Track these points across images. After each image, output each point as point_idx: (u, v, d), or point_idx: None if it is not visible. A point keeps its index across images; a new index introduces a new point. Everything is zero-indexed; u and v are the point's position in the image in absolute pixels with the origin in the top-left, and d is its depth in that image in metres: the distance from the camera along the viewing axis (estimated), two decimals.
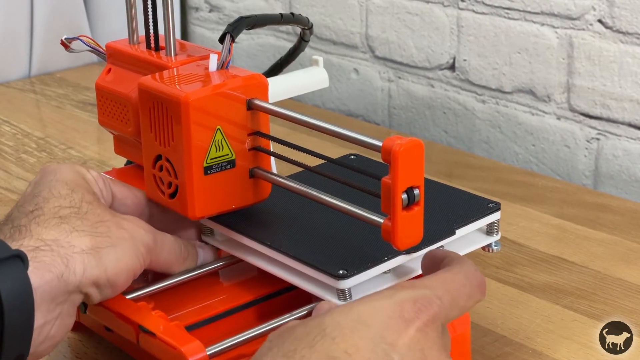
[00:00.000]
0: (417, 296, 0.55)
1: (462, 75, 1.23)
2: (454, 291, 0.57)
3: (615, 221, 0.96)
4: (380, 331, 0.53)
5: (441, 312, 0.55)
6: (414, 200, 0.58)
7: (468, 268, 0.59)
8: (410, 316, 0.54)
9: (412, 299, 0.55)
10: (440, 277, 0.58)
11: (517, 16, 1.15)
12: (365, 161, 0.79)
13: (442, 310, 0.55)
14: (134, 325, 0.65)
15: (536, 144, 1.17)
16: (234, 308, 0.69)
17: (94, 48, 0.76)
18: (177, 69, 0.70)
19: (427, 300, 0.55)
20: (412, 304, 0.54)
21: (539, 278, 0.85)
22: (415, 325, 0.53)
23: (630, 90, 1.06)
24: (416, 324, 0.53)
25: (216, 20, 1.56)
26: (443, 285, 0.57)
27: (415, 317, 0.54)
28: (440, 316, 0.55)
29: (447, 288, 0.57)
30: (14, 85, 1.45)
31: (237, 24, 0.69)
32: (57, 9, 1.48)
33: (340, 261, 0.63)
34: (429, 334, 0.54)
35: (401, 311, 0.54)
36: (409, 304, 0.54)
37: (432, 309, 0.55)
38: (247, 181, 0.68)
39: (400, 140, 0.57)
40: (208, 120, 0.65)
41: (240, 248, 0.70)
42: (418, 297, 0.55)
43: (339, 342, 0.52)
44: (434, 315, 0.55)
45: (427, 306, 0.55)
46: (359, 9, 1.32)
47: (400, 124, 1.32)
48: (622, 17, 1.05)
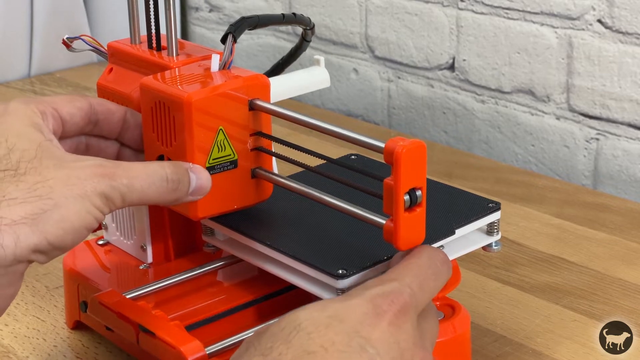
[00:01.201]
0: (386, 290, 0.56)
1: (461, 75, 1.23)
2: (421, 275, 0.58)
3: (615, 221, 0.96)
4: (355, 326, 0.53)
5: (412, 300, 0.56)
6: (416, 201, 0.58)
7: (429, 250, 0.60)
8: (383, 309, 0.54)
9: (383, 293, 0.55)
10: (404, 265, 0.59)
11: (517, 16, 1.15)
12: (366, 161, 0.79)
13: (412, 298, 0.56)
14: (133, 324, 0.65)
15: (536, 144, 1.17)
16: (234, 308, 0.69)
17: (96, 48, 0.76)
18: (179, 69, 0.70)
19: (397, 291, 0.56)
20: (384, 298, 0.55)
21: (539, 278, 0.85)
22: (387, 318, 0.54)
23: (630, 90, 1.06)
24: (387, 316, 0.54)
25: (216, 20, 1.56)
26: (409, 272, 0.58)
27: (388, 309, 0.54)
28: (412, 304, 0.56)
29: (414, 273, 0.58)
30: (14, 85, 1.45)
31: (239, 24, 0.69)
32: (57, 9, 1.48)
33: (340, 261, 0.63)
34: (401, 325, 0.54)
35: (374, 306, 0.54)
36: (381, 298, 0.55)
37: (402, 298, 0.55)
38: (248, 181, 0.68)
39: (403, 141, 0.57)
40: (210, 121, 0.65)
41: (241, 248, 0.70)
42: (388, 291, 0.56)
43: (314, 337, 0.52)
44: (405, 305, 0.55)
45: (398, 297, 0.55)
46: (359, 9, 1.32)
47: (399, 124, 1.32)
48: (621, 17, 1.05)
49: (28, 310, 0.81)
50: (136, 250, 0.76)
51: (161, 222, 0.74)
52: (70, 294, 0.76)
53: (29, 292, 0.83)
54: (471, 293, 0.82)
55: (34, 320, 0.79)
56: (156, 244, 0.75)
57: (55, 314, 0.80)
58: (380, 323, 0.54)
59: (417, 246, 0.61)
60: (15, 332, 0.77)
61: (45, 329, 0.78)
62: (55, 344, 0.76)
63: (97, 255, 0.78)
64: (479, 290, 0.83)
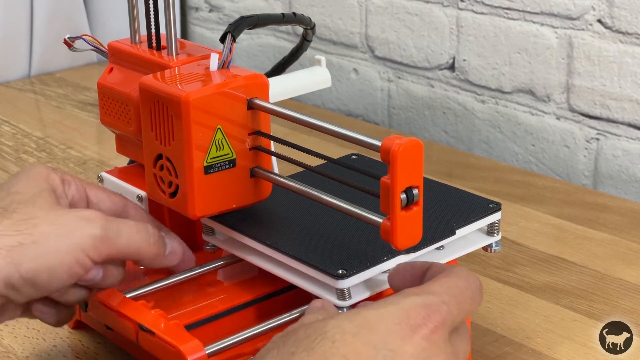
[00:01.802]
0: (424, 302, 0.53)
1: (461, 75, 1.23)
2: (459, 296, 0.55)
3: (615, 221, 0.96)
4: (384, 337, 0.51)
5: (448, 318, 0.54)
6: (412, 200, 0.58)
7: (466, 272, 0.58)
8: (417, 322, 0.52)
9: (420, 305, 0.53)
10: (444, 283, 0.56)
11: (517, 16, 1.15)
12: (366, 161, 0.79)
13: (449, 316, 0.54)
14: (133, 324, 0.65)
15: (536, 144, 1.17)
16: (234, 307, 0.69)
17: (97, 47, 0.76)
18: (178, 68, 0.70)
19: (435, 306, 0.53)
20: (420, 310, 0.53)
21: (539, 278, 0.85)
22: (421, 332, 0.52)
23: (630, 90, 1.06)
24: (423, 331, 0.52)
25: (216, 20, 1.56)
26: (448, 290, 0.55)
27: (423, 323, 0.52)
28: (448, 322, 0.54)
29: (453, 293, 0.55)
30: (14, 85, 1.45)
31: (238, 23, 0.69)
32: (57, 9, 1.48)
33: (340, 261, 0.63)
34: (435, 341, 0.52)
35: (408, 317, 0.52)
36: (417, 310, 0.53)
37: (440, 315, 0.53)
38: (247, 181, 0.68)
39: (399, 140, 0.57)
40: (209, 120, 0.65)
41: (240, 247, 0.70)
42: (426, 304, 0.53)
43: (339, 346, 0.50)
44: (442, 322, 0.53)
45: (435, 312, 0.53)
46: (359, 9, 1.32)
47: (400, 124, 1.32)
48: (621, 17, 1.05)
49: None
50: None
51: (161, 221, 0.74)
52: None
53: None
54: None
55: (34, 320, 0.79)
56: None
57: None
58: (413, 336, 0.52)
59: (446, 266, 0.59)
60: (15, 332, 0.77)
61: (45, 329, 0.77)
62: (55, 344, 0.76)
63: None
64: None
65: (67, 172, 0.68)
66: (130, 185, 0.74)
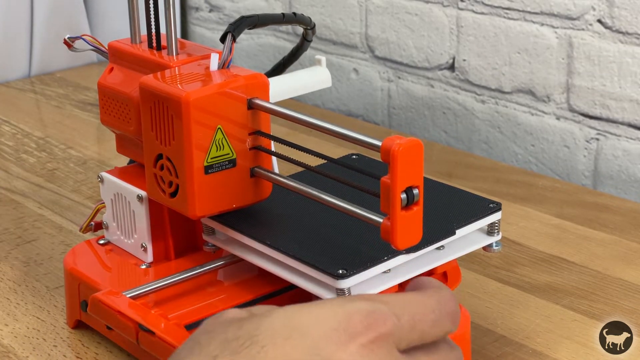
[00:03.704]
0: (370, 309, 0.49)
1: (461, 75, 1.23)
2: (418, 314, 0.51)
3: (615, 221, 0.96)
4: (318, 341, 0.47)
5: (395, 331, 0.49)
6: (413, 200, 0.58)
7: (444, 295, 0.53)
8: (356, 330, 0.48)
9: (365, 312, 0.49)
10: (405, 297, 0.52)
11: (517, 16, 1.15)
12: (367, 161, 0.79)
13: (397, 329, 0.49)
14: (133, 323, 0.65)
15: (536, 144, 1.17)
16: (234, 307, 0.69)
17: (97, 47, 0.76)
18: (179, 68, 0.70)
19: (381, 315, 0.49)
20: (363, 317, 0.48)
21: (539, 278, 0.85)
22: (359, 340, 0.48)
23: (630, 91, 1.06)
24: (361, 339, 0.48)
25: (216, 20, 1.56)
26: (406, 305, 0.51)
27: (363, 331, 0.48)
28: (394, 336, 0.49)
29: (410, 309, 0.51)
30: (14, 85, 1.45)
31: (238, 23, 0.69)
32: (57, 8, 1.48)
33: (340, 261, 0.63)
34: (376, 352, 0.48)
35: (347, 323, 0.48)
36: (359, 316, 0.48)
37: (384, 326, 0.49)
38: (247, 180, 0.68)
39: (399, 140, 0.57)
40: (209, 120, 0.65)
41: (241, 247, 0.70)
42: (371, 311, 0.49)
43: (267, 351, 0.47)
44: (386, 334, 0.49)
45: (380, 322, 0.49)
46: (359, 9, 1.32)
47: (400, 124, 1.32)
48: (621, 17, 1.05)
49: (28, 310, 0.81)
50: (136, 249, 0.76)
51: (161, 221, 0.74)
52: (71, 293, 0.76)
53: (29, 292, 0.83)
54: (471, 293, 0.82)
55: (34, 320, 0.79)
56: (156, 243, 0.75)
57: (55, 314, 0.80)
58: (349, 344, 0.47)
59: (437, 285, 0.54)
60: (15, 332, 0.77)
61: (45, 329, 0.78)
62: (55, 344, 0.76)
63: (97, 254, 0.78)
64: (479, 290, 0.83)
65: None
66: (130, 185, 0.75)
